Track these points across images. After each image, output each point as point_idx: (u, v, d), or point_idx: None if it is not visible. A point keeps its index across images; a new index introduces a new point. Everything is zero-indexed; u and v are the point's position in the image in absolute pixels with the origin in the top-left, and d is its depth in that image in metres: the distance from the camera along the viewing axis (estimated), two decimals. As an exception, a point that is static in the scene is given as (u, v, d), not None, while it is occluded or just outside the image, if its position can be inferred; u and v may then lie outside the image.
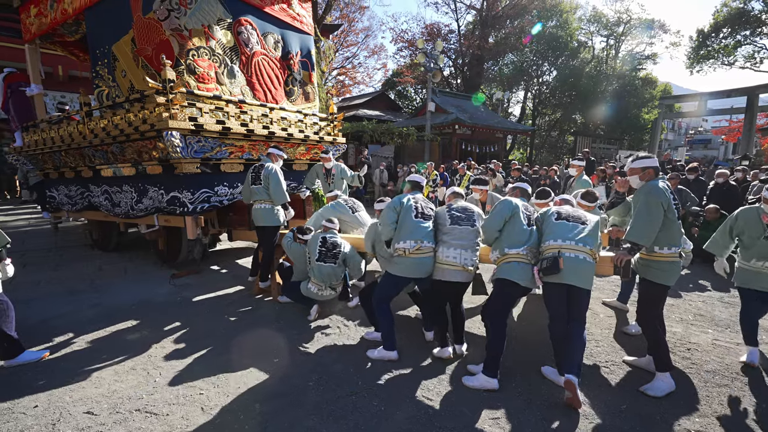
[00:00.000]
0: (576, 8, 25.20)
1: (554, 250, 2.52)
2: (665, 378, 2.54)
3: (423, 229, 2.88)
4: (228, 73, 4.80)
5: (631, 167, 2.71)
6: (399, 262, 2.89)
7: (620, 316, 3.82)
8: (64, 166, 5.80)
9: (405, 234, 2.87)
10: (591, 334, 3.39)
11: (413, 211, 2.93)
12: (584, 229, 2.57)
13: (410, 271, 2.89)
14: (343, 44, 25.69)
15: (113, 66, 4.77)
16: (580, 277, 2.47)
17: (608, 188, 7.46)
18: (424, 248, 2.85)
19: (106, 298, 4.20)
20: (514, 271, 2.60)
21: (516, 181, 5.06)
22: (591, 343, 3.24)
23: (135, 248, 6.36)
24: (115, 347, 3.13)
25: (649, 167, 2.63)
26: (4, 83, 6.34)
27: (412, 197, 3.03)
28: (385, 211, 3.03)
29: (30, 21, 5.87)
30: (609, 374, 2.79)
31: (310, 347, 3.16)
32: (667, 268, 2.58)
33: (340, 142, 6.26)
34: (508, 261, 2.64)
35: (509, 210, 2.73)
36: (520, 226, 2.68)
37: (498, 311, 2.66)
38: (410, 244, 2.83)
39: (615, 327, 3.58)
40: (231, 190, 4.79)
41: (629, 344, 3.24)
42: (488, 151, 18.77)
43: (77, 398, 2.44)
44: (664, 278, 2.59)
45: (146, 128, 4.08)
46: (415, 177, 3.27)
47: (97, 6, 4.76)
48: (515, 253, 2.62)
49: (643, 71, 26.22)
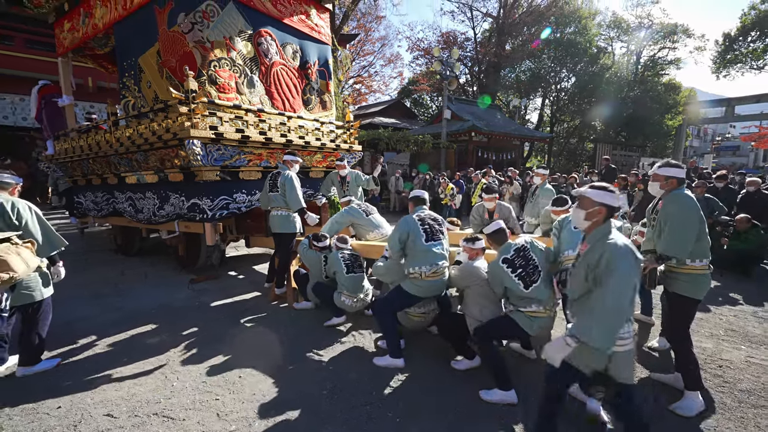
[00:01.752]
0: (595, 14, 24.85)
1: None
2: (695, 397, 2.42)
3: (436, 252, 2.91)
4: (248, 83, 4.91)
5: (656, 173, 2.60)
6: (414, 283, 2.91)
7: (645, 330, 3.67)
8: (91, 173, 6.03)
9: (419, 260, 2.88)
10: (614, 348, 3.27)
11: (422, 235, 2.90)
12: None
13: (425, 291, 2.94)
14: (360, 53, 26.03)
15: (139, 77, 4.95)
16: None
17: (630, 197, 7.25)
18: (439, 270, 2.89)
19: (128, 302, 4.31)
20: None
21: (535, 189, 4.95)
22: (614, 357, 3.11)
23: (156, 253, 6.52)
24: (135, 351, 3.19)
25: (672, 177, 2.51)
26: (38, 95, 6.66)
27: (418, 219, 2.97)
28: (391, 238, 2.99)
29: (63, 35, 6.17)
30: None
31: (325, 355, 3.15)
32: (697, 280, 2.47)
33: (356, 150, 6.31)
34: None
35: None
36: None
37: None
38: (426, 269, 2.87)
39: (640, 341, 3.44)
40: (249, 197, 4.87)
41: (656, 359, 3.11)
42: (505, 158, 18.57)
43: (98, 400, 2.50)
44: (694, 291, 2.47)
45: (169, 137, 4.20)
46: (418, 192, 3.20)
47: (126, 20, 4.97)
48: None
49: (666, 76, 25.55)
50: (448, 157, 15.83)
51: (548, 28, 22.95)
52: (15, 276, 1.99)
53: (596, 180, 8.84)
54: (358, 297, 3.65)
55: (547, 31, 22.90)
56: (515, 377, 2.60)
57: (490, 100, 22.20)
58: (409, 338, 3.35)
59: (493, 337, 2.62)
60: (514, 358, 3.03)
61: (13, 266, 1.98)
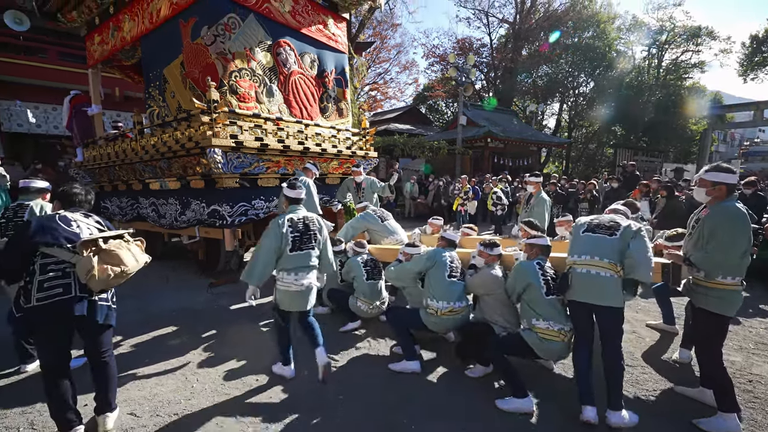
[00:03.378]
0: (614, 18, 24.48)
1: (568, 267, 2.47)
2: (730, 418, 2.26)
3: (456, 290, 2.93)
4: (267, 92, 5.04)
5: (702, 178, 2.36)
6: (431, 318, 2.93)
7: (667, 340, 3.56)
8: (117, 179, 6.26)
9: (438, 293, 2.91)
10: (636, 359, 3.18)
11: (447, 269, 2.95)
12: (610, 242, 2.37)
13: (440, 327, 3.00)
14: (376, 61, 26.29)
15: (164, 87, 5.15)
16: (598, 294, 2.32)
17: (652, 204, 7.05)
18: (456, 309, 2.90)
19: (150, 304, 4.44)
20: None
21: (554, 196, 4.85)
22: (636, 369, 3.03)
23: (177, 257, 6.69)
24: (157, 351, 3.29)
25: (721, 183, 2.28)
26: (70, 104, 6.99)
27: (449, 254, 3.05)
28: (418, 258, 3.09)
29: (94, 48, 6.48)
30: (656, 404, 2.59)
31: (341, 360, 3.17)
32: (729, 297, 2.29)
33: (372, 157, 6.36)
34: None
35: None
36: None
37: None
38: (443, 305, 2.88)
39: (662, 352, 3.34)
40: (267, 203, 4.97)
41: (679, 371, 3.01)
42: (522, 164, 18.36)
43: (122, 399, 2.58)
44: (725, 308, 2.30)
45: (191, 145, 4.34)
46: (449, 234, 3.25)
47: (152, 33, 5.19)
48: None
49: (690, 80, 24.87)
50: (464, 163, 15.76)
51: (557, 32, 22.74)
52: (126, 270, 2.10)
53: (616, 186, 8.66)
54: (375, 304, 3.67)
55: (556, 34, 22.69)
56: (533, 387, 2.57)
57: (496, 101, 22.05)
58: (425, 344, 3.35)
59: (504, 352, 2.60)
60: (532, 368, 2.98)
61: (125, 261, 2.10)
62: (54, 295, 2.00)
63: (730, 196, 2.30)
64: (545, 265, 2.64)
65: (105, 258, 2.05)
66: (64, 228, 2.11)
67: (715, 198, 2.33)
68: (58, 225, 2.10)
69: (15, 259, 2.04)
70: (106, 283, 2.05)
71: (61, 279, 2.04)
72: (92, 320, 2.12)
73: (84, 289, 2.07)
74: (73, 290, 2.05)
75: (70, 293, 2.04)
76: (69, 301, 2.03)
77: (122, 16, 5.64)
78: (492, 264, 2.92)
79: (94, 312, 2.12)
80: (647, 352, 3.33)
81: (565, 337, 2.48)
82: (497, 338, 2.67)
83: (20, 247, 2.04)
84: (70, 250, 2.07)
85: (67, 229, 2.12)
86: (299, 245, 2.74)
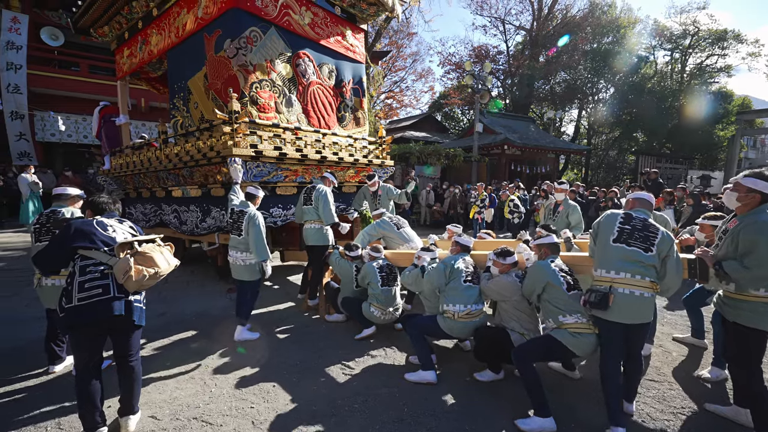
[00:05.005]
0: (635, 23, 24.01)
1: (605, 284, 2.29)
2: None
3: (472, 294, 2.94)
4: (286, 102, 5.16)
5: (739, 182, 2.24)
6: (448, 322, 2.93)
7: (696, 355, 3.42)
8: (141, 186, 6.49)
9: (455, 297, 2.93)
10: (662, 374, 3.07)
11: (463, 275, 2.98)
12: (647, 258, 2.26)
13: (457, 332, 2.97)
14: (392, 69, 26.50)
15: (187, 98, 5.33)
16: (639, 314, 2.26)
17: (678, 212, 6.84)
18: (474, 312, 2.91)
19: (171, 309, 4.55)
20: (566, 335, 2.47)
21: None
22: (663, 385, 2.92)
23: (196, 263, 6.85)
24: (177, 355, 3.36)
25: (757, 192, 2.16)
26: (100, 114, 7.31)
27: (462, 260, 3.08)
28: (434, 272, 3.08)
29: (123, 61, 6.78)
30: (686, 423, 2.48)
31: (356, 368, 3.17)
32: (764, 310, 2.18)
33: (388, 165, 6.40)
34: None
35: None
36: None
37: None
38: (459, 308, 2.89)
39: (691, 368, 3.20)
40: (284, 211, 5.05)
41: (708, 388, 2.88)
42: (539, 171, 18.11)
43: (143, 402, 2.63)
44: (759, 321, 2.19)
45: (213, 155, 4.47)
46: (464, 240, 3.27)
47: (178, 47, 5.40)
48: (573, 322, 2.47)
49: (716, 84, 24.09)
50: (480, 170, 15.65)
51: (566, 36, 22.47)
52: (159, 272, 2.20)
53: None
54: (388, 311, 3.67)
55: (565, 38, 22.43)
56: (556, 400, 2.50)
57: (501, 104, 21.82)
58: (442, 355, 3.32)
59: (535, 359, 2.53)
60: (554, 379, 2.91)
61: (158, 263, 2.21)
62: (94, 295, 2.10)
63: (761, 206, 2.18)
64: (559, 263, 2.64)
65: (140, 260, 2.15)
66: (101, 232, 2.24)
67: (745, 206, 2.22)
68: (96, 229, 2.24)
69: (55, 260, 2.22)
70: (141, 284, 2.14)
71: (100, 280, 2.14)
72: (129, 320, 2.21)
73: (121, 289, 2.17)
74: (111, 290, 2.14)
75: (109, 293, 2.13)
76: (108, 300, 2.12)
77: (150, 31, 5.90)
78: (507, 273, 2.90)
79: (130, 312, 2.20)
80: (675, 368, 3.21)
81: (595, 328, 2.44)
82: (523, 347, 2.57)
83: (61, 248, 2.18)
84: (108, 252, 2.19)
85: (104, 233, 2.25)
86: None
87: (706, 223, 3.01)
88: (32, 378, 2.94)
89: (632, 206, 2.52)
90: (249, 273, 3.65)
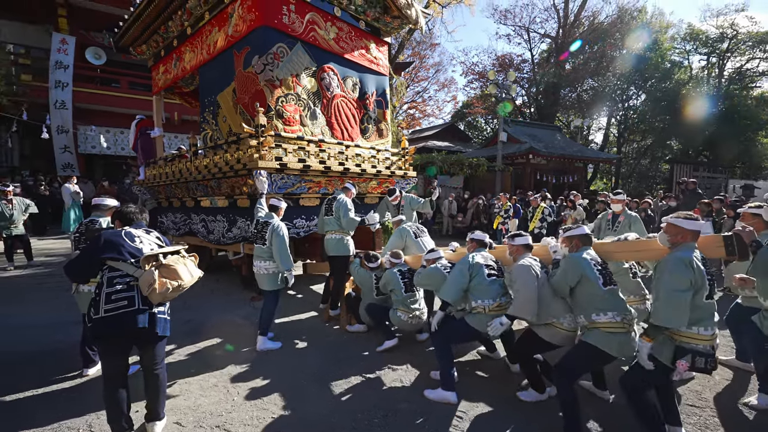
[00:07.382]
0: (668, 27, 23.22)
1: (709, 343, 2.11)
2: None
3: (498, 288, 2.91)
4: (310, 115, 5.27)
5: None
6: (479, 317, 2.87)
7: (743, 380, 3.18)
8: (173, 196, 6.76)
9: (482, 293, 2.89)
10: (704, 400, 2.87)
11: (485, 269, 2.94)
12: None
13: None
14: (414, 79, 26.71)
15: (217, 112, 5.55)
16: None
17: (717, 225, 6.45)
18: (503, 304, 2.86)
19: (196, 316, 4.67)
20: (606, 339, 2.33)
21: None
22: (705, 411, 2.73)
23: (222, 271, 7.02)
24: (202, 363, 3.43)
25: None
26: (136, 127, 7.72)
27: (479, 255, 3.05)
28: (456, 274, 2.99)
29: (158, 77, 7.15)
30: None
31: (377, 381, 3.14)
32: None
33: (411, 176, 6.40)
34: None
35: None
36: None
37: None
38: (489, 302, 2.86)
39: (736, 394, 2.98)
40: (307, 222, 5.13)
41: (755, 416, 2.66)
42: (566, 181, 17.59)
43: (169, 408, 2.70)
44: None
45: (239, 167, 4.61)
46: (478, 235, 3.23)
47: (209, 63, 5.65)
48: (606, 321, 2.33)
49: (758, 89, 22.82)
50: (504, 180, 15.38)
51: (578, 41, 21.96)
52: (182, 284, 2.27)
53: (674, 205, 8.02)
54: (414, 313, 3.67)
55: (578, 43, 21.92)
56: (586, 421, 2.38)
57: (510, 106, 21.38)
58: (471, 366, 3.23)
59: (579, 374, 2.41)
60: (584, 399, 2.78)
61: (182, 275, 2.28)
62: (120, 307, 2.17)
63: None
64: (594, 255, 2.52)
65: (164, 272, 2.21)
66: (129, 243, 2.32)
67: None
68: (124, 240, 2.32)
69: (85, 270, 2.35)
70: (164, 297, 2.20)
71: (126, 292, 2.21)
72: (152, 332, 2.26)
73: (145, 301, 2.23)
74: (136, 303, 2.21)
75: (134, 306, 2.20)
76: (133, 313, 2.19)
77: (184, 48, 6.20)
78: (520, 256, 2.82)
79: (154, 324, 2.26)
80: (718, 393, 2.99)
81: (630, 327, 2.32)
82: (563, 362, 2.44)
83: (91, 259, 2.29)
84: (134, 264, 2.26)
85: (131, 244, 2.32)
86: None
87: (748, 211, 2.95)
88: (68, 380, 3.08)
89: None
90: (272, 282, 3.71)
